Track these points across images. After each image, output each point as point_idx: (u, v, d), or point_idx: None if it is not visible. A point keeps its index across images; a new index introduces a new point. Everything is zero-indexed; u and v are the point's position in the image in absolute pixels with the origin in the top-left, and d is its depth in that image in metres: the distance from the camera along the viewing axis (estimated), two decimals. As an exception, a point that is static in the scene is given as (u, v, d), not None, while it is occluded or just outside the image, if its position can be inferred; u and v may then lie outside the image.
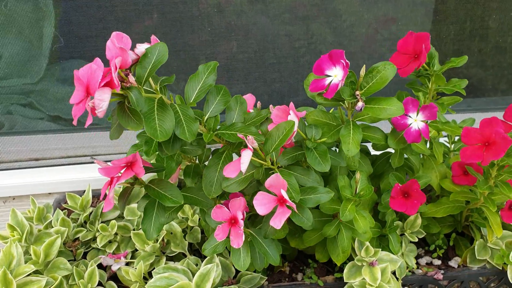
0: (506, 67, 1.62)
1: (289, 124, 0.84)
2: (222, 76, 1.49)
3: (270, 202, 0.82)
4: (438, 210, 1.07)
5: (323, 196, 0.86)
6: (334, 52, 0.86)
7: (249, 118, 0.92)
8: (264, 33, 1.44)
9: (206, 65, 0.85)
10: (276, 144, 0.84)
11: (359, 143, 0.87)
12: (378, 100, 0.87)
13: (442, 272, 1.09)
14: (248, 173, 0.87)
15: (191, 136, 0.76)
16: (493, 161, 0.95)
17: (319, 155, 0.87)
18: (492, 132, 0.90)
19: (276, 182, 0.81)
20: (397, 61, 0.94)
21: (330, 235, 0.95)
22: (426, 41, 0.90)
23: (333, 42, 1.53)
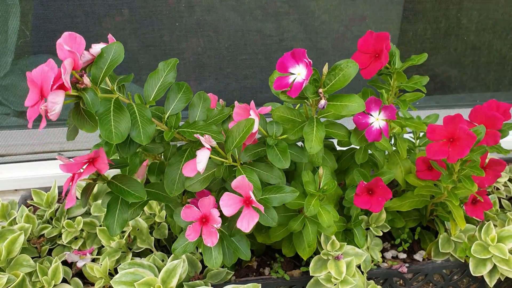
0: (473, 65, 1.65)
1: (249, 121, 0.84)
2: (193, 72, 1.48)
3: (236, 203, 0.82)
4: (403, 204, 1.09)
5: (288, 195, 0.87)
6: (297, 51, 0.86)
7: (212, 116, 0.92)
8: (235, 29, 1.44)
9: (166, 62, 0.84)
10: (236, 141, 0.84)
11: (322, 140, 0.88)
12: (341, 97, 0.88)
13: (406, 265, 1.11)
14: (210, 171, 0.87)
15: (147, 139, 0.75)
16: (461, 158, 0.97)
17: (280, 151, 0.88)
18: (456, 128, 0.92)
19: (242, 184, 0.82)
20: (358, 60, 0.95)
21: (295, 229, 0.96)
22: (386, 41, 0.91)
23: (305, 39, 1.54)
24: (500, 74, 1.67)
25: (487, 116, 1.05)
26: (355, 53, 0.97)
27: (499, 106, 1.09)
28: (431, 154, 0.92)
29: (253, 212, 0.82)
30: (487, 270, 1.07)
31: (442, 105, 1.71)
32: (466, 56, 1.63)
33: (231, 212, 0.82)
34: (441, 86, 1.71)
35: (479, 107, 1.07)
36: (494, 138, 1.05)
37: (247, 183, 0.81)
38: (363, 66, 0.96)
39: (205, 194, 0.93)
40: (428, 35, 1.58)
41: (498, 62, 1.65)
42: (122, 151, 0.81)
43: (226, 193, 0.82)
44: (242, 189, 0.82)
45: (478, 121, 1.06)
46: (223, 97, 1.57)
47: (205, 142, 0.79)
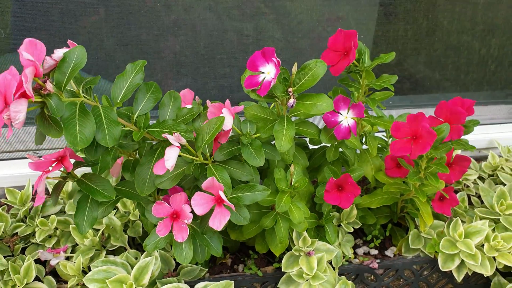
0: (448, 66, 1.69)
1: (219, 119, 0.85)
2: (170, 71, 1.49)
3: (208, 202, 0.84)
4: (372, 201, 1.12)
5: (259, 194, 0.88)
6: (267, 50, 0.88)
7: (181, 115, 0.93)
8: (213, 28, 1.45)
9: (134, 64, 0.85)
10: (206, 139, 0.85)
11: (291, 138, 0.90)
12: (310, 96, 0.90)
13: (377, 261, 1.13)
14: (180, 169, 0.88)
15: (112, 141, 0.76)
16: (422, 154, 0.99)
17: (254, 150, 0.90)
18: (419, 126, 0.95)
19: (212, 185, 0.83)
20: (328, 58, 0.97)
21: (267, 226, 0.98)
22: (354, 39, 0.93)
23: (282, 39, 1.56)
24: (473, 74, 1.71)
25: (451, 112, 1.08)
26: (325, 51, 0.99)
27: (464, 102, 1.12)
28: (395, 151, 0.95)
29: (224, 211, 0.84)
30: (455, 265, 1.10)
31: (416, 105, 1.75)
32: (440, 56, 1.66)
33: (203, 211, 0.83)
34: (415, 86, 1.75)
35: (444, 103, 1.10)
36: (458, 133, 1.08)
37: (217, 184, 0.83)
38: (333, 64, 0.98)
39: (177, 191, 0.93)
40: (403, 36, 1.61)
41: (472, 63, 1.69)
42: (89, 154, 0.81)
43: (197, 192, 0.84)
44: (213, 189, 0.83)
45: (443, 117, 1.09)
46: (200, 96, 1.58)
47: (174, 140, 0.80)
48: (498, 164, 1.43)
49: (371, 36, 1.62)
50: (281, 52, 1.57)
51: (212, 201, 0.84)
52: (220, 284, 0.95)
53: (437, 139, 0.96)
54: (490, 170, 1.44)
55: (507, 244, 1.10)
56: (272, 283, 1.09)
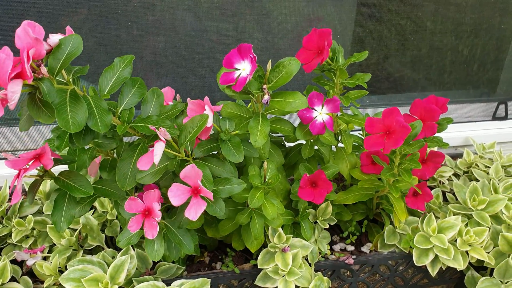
0: (426, 65, 1.72)
1: (203, 117, 0.86)
2: (150, 71, 1.50)
3: (184, 193, 0.85)
4: (348, 197, 1.13)
5: (236, 187, 0.90)
6: (243, 46, 0.89)
7: (165, 111, 0.93)
8: (193, 28, 1.46)
9: (122, 58, 0.86)
10: (190, 136, 0.86)
11: (266, 134, 0.91)
12: (284, 94, 0.92)
13: (353, 257, 1.15)
14: (162, 164, 0.89)
15: (104, 127, 0.77)
16: (396, 149, 1.01)
17: (233, 146, 0.91)
18: (392, 121, 0.97)
19: (191, 173, 0.84)
20: (303, 57, 0.99)
21: (243, 222, 0.99)
22: (328, 37, 0.95)
23: (262, 40, 1.57)
24: (451, 73, 1.74)
25: (426, 109, 1.10)
26: (299, 50, 1.01)
27: (438, 100, 1.15)
28: (369, 146, 0.96)
29: (201, 201, 0.84)
30: (429, 260, 1.12)
31: (394, 103, 1.77)
32: (418, 56, 1.69)
33: (179, 202, 0.84)
34: (394, 85, 1.77)
35: (419, 101, 1.12)
36: (432, 130, 1.10)
37: (195, 172, 0.83)
38: (307, 62, 1.00)
39: (152, 189, 0.94)
40: (382, 36, 1.63)
41: (449, 62, 1.72)
42: (77, 141, 0.81)
43: (174, 183, 0.84)
44: (191, 178, 0.84)
45: (418, 114, 1.12)
46: (180, 95, 1.59)
47: (160, 135, 0.81)
48: (473, 161, 1.46)
49: (350, 37, 1.65)
50: (262, 52, 1.58)
51: (189, 192, 0.85)
52: (196, 282, 0.96)
53: (410, 135, 0.98)
54: (465, 167, 1.47)
55: (479, 238, 1.12)
56: (250, 280, 1.10)
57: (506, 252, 1.14)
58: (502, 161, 1.43)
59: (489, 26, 1.68)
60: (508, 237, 1.13)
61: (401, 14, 1.61)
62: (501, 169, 1.38)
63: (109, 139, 0.93)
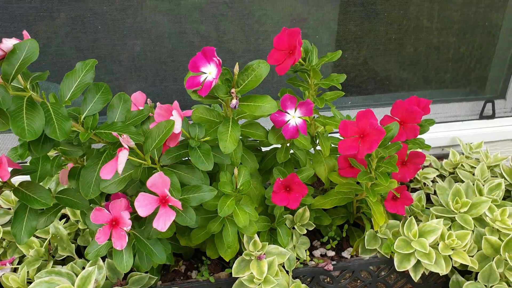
0: (412, 64, 1.69)
1: (169, 123, 0.83)
2: (129, 76, 1.47)
3: (152, 203, 0.81)
4: (326, 202, 1.10)
5: (206, 194, 0.87)
6: (207, 49, 0.86)
7: (131, 116, 0.90)
8: (173, 31, 1.44)
9: (84, 62, 0.84)
10: (156, 142, 0.83)
11: (236, 140, 0.88)
12: (254, 97, 0.89)
13: (333, 263, 1.12)
14: (127, 172, 0.86)
15: (63, 135, 0.74)
16: (372, 152, 0.98)
17: (203, 154, 0.88)
18: (366, 124, 0.94)
19: (158, 181, 0.81)
20: (274, 58, 0.95)
21: (215, 231, 0.96)
22: (298, 37, 0.92)
23: (244, 41, 1.55)
24: (437, 72, 1.71)
25: (407, 111, 1.07)
26: (271, 51, 0.98)
27: (420, 101, 1.12)
28: (343, 150, 0.93)
29: (169, 211, 0.82)
30: (411, 265, 1.09)
31: (380, 104, 1.74)
32: (404, 55, 1.66)
33: (147, 212, 0.81)
34: (380, 85, 1.74)
35: (400, 102, 1.09)
36: (414, 132, 1.08)
37: (162, 180, 0.80)
38: (278, 63, 0.96)
39: (119, 197, 0.91)
40: (367, 35, 1.60)
41: (435, 61, 1.69)
42: (35, 149, 0.79)
43: (141, 193, 0.81)
44: (158, 187, 0.81)
45: (399, 116, 1.09)
46: (161, 100, 1.56)
47: (123, 142, 0.78)
48: (459, 162, 1.43)
49: (334, 36, 1.62)
50: (244, 54, 1.55)
51: (157, 202, 0.82)
52: (169, 292, 0.94)
53: (386, 137, 0.95)
54: (451, 167, 1.44)
55: (462, 242, 1.09)
56: (226, 288, 1.07)
57: (490, 255, 1.11)
58: (488, 162, 1.40)
59: (476, 24, 1.65)
60: (491, 240, 1.11)
61: (387, 12, 1.58)
62: (486, 170, 1.35)
63: (76, 146, 0.90)
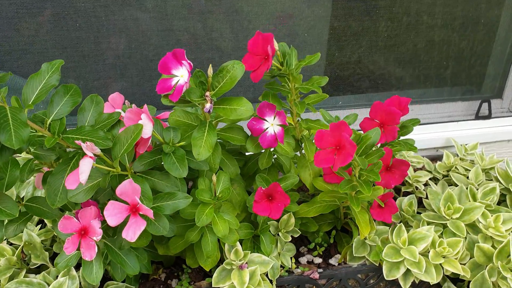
0: (405, 63, 1.64)
1: (137, 127, 0.79)
2: (114, 74, 1.42)
3: (122, 212, 0.78)
4: (310, 210, 1.06)
5: (181, 202, 0.83)
6: (177, 51, 0.82)
7: (101, 120, 0.86)
8: (159, 28, 1.39)
9: (50, 63, 0.80)
10: (124, 148, 0.79)
11: (212, 146, 0.84)
12: (230, 100, 0.85)
13: (320, 270, 1.08)
14: (95, 180, 0.82)
15: (19, 142, 0.70)
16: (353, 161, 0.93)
17: (177, 160, 0.83)
18: (340, 137, 0.88)
19: (128, 189, 0.77)
20: (249, 62, 0.91)
21: (193, 240, 0.92)
22: (270, 42, 0.87)
23: (232, 38, 1.50)
24: (432, 71, 1.67)
25: (386, 112, 1.03)
26: (246, 55, 0.93)
27: (400, 101, 1.07)
28: (318, 162, 0.88)
29: (140, 220, 0.78)
30: (401, 274, 1.05)
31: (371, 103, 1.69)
32: (399, 53, 1.61)
33: (117, 222, 0.77)
34: (374, 84, 1.70)
35: (379, 103, 1.05)
36: (393, 134, 1.03)
37: (132, 188, 0.76)
38: (253, 69, 0.91)
39: (90, 205, 0.87)
40: (358, 32, 1.56)
41: (430, 59, 1.64)
42: None
43: (110, 201, 0.77)
44: (128, 195, 0.77)
45: (379, 118, 1.05)
46: (147, 101, 1.51)
47: (86, 149, 0.74)
48: (453, 164, 1.39)
49: (326, 34, 1.57)
50: (233, 51, 1.51)
51: (127, 211, 0.78)
52: (144, 303, 0.90)
53: (367, 145, 0.90)
54: (445, 170, 1.40)
55: (453, 250, 1.05)
56: (207, 298, 1.03)
57: (483, 263, 1.07)
58: (483, 164, 1.36)
59: (473, 21, 1.60)
60: (484, 248, 1.06)
61: (381, 9, 1.53)
62: (481, 173, 1.30)
63: (48, 150, 0.86)
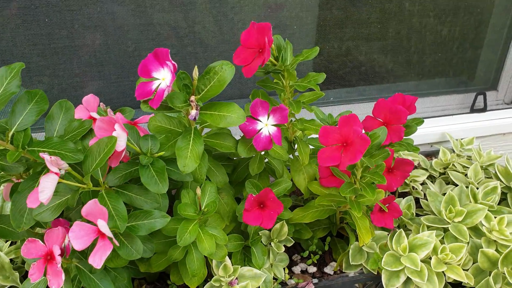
0: (398, 54, 1.57)
1: (111, 140, 0.71)
2: (90, 71, 1.32)
3: (89, 234, 0.69)
4: (305, 215, 0.99)
5: (157, 221, 0.75)
6: (160, 51, 0.73)
7: (71, 130, 0.77)
8: (138, 22, 1.30)
9: (9, 67, 0.72)
10: (97, 162, 0.71)
11: (199, 156, 0.76)
12: (219, 106, 0.76)
13: (315, 281, 1.01)
14: (64, 197, 0.73)
15: None
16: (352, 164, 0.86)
17: (156, 173, 0.75)
18: (350, 131, 0.82)
19: (94, 210, 0.68)
20: (242, 57, 0.82)
21: (176, 258, 0.84)
22: (268, 33, 0.79)
23: (217, 32, 1.41)
24: (425, 62, 1.60)
25: (391, 111, 0.96)
26: (238, 48, 0.84)
27: (405, 99, 1.00)
28: (322, 161, 0.81)
29: (108, 244, 0.69)
30: (401, 282, 0.98)
31: (365, 98, 1.62)
32: (391, 44, 1.54)
33: (83, 245, 0.69)
34: (365, 77, 1.62)
35: (383, 101, 0.97)
36: (398, 134, 0.96)
37: (98, 209, 0.68)
38: (246, 63, 0.83)
39: (60, 224, 0.79)
40: (348, 22, 1.48)
41: (423, 50, 1.57)
42: None
43: (76, 222, 0.69)
44: (95, 216, 0.69)
45: (382, 117, 0.97)
46: (126, 100, 1.42)
47: (51, 164, 0.66)
48: (450, 161, 1.32)
49: (315, 24, 1.49)
50: (217, 45, 1.41)
51: (95, 233, 0.70)
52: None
53: (373, 145, 0.83)
54: (441, 167, 1.34)
55: (456, 256, 0.99)
56: (195, 315, 0.95)
57: (487, 269, 1.01)
58: (481, 160, 1.30)
59: (466, 9, 1.53)
60: (489, 253, 1.00)
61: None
62: (480, 171, 1.24)
63: (16, 161, 0.77)
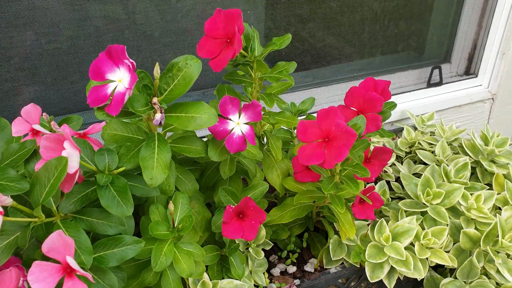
0: (348, 32, 1.52)
1: (61, 161, 0.60)
2: (23, 77, 1.17)
3: (53, 274, 0.58)
4: (283, 215, 0.92)
5: (130, 248, 0.65)
6: (114, 49, 0.63)
7: (9, 153, 0.65)
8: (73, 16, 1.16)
9: None
10: (47, 190, 0.60)
11: (167, 165, 0.66)
12: (185, 106, 0.67)
13: (297, 282, 0.95)
14: (13, 235, 0.62)
15: None
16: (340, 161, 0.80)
17: (117, 192, 0.65)
18: (331, 125, 0.75)
19: (57, 244, 0.57)
20: (207, 48, 0.73)
21: (150, 283, 0.74)
22: (238, 20, 0.70)
23: (160, 20, 1.29)
24: (377, 38, 1.56)
25: (365, 99, 0.90)
26: (201, 39, 0.75)
27: (377, 84, 0.94)
28: (305, 159, 0.75)
29: (78, 283, 0.59)
30: (385, 273, 0.95)
31: (320, 82, 1.56)
32: (339, 22, 1.49)
33: None
34: (317, 59, 1.57)
35: (355, 89, 0.91)
36: (376, 123, 0.91)
37: (63, 243, 0.58)
38: (213, 55, 0.74)
39: (12, 264, 0.67)
40: (295, 2, 1.41)
41: (374, 26, 1.53)
42: None
43: (35, 262, 0.58)
44: (59, 252, 0.58)
45: (356, 105, 0.91)
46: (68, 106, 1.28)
47: None
48: (415, 140, 1.30)
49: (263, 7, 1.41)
50: (162, 36, 1.30)
51: (59, 272, 0.59)
52: None
53: (352, 138, 0.77)
54: (407, 147, 1.31)
55: (439, 240, 0.96)
56: (174, 337, 0.87)
57: (468, 249, 0.99)
58: (446, 136, 1.28)
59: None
60: (470, 233, 0.98)
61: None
62: (447, 147, 1.22)
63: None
